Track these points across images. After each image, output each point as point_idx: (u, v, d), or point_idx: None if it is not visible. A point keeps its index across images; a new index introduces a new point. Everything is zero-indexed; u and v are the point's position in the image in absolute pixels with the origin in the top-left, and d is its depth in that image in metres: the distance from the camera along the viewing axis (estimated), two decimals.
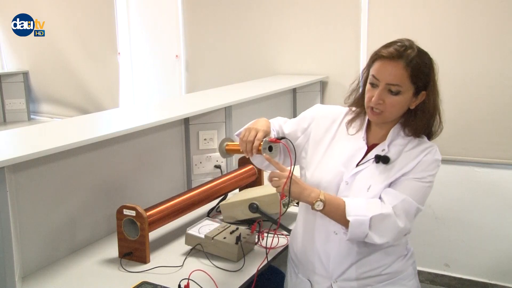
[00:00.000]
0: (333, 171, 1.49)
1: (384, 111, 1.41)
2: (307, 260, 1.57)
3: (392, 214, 1.39)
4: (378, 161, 1.45)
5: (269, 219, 1.93)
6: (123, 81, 4.32)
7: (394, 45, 1.40)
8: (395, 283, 1.53)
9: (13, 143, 1.79)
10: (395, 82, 1.38)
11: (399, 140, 1.48)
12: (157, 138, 2.21)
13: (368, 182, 1.45)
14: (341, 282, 1.51)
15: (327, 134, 1.56)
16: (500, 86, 2.87)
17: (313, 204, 1.40)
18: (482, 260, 3.08)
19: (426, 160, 1.44)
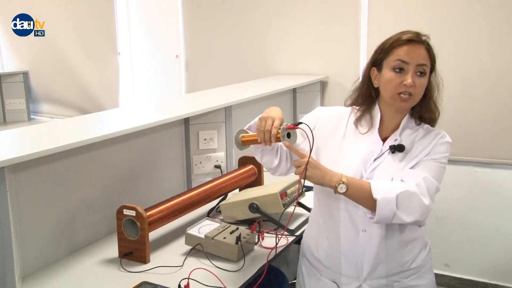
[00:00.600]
0: (351, 169, 1.47)
1: (414, 94, 1.42)
2: (332, 263, 1.56)
3: (417, 191, 1.39)
4: (393, 151, 1.47)
5: (269, 219, 1.93)
6: (123, 81, 4.32)
7: (409, 32, 1.44)
8: (420, 277, 1.55)
9: (13, 143, 1.79)
10: (424, 62, 1.42)
11: (408, 130, 1.50)
12: (157, 138, 2.21)
13: (389, 174, 1.45)
14: (370, 280, 1.52)
15: (335, 134, 1.56)
16: (500, 86, 2.87)
17: (336, 187, 1.39)
18: (482, 260, 3.08)
19: (440, 142, 1.47)
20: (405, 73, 1.42)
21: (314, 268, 1.64)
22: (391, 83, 1.43)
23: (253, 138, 1.53)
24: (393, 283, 1.52)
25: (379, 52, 1.48)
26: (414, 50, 1.41)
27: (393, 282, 1.52)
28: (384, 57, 1.46)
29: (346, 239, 1.52)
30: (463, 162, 3.01)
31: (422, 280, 1.56)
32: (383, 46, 1.47)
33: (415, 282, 1.55)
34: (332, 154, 1.53)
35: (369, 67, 1.52)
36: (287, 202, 1.96)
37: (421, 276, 1.56)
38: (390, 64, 1.44)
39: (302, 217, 2.06)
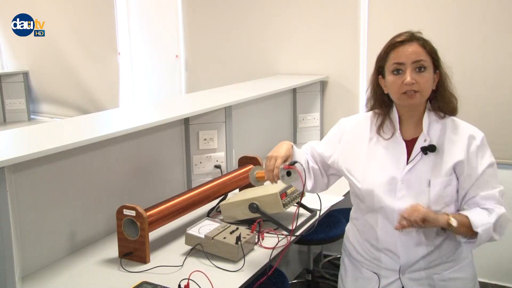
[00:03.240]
0: (384, 174, 1.52)
1: (419, 90, 1.45)
2: (373, 256, 1.60)
3: (505, 212, 1.48)
4: (425, 152, 1.48)
5: (269, 219, 1.93)
6: (123, 81, 4.32)
7: (402, 34, 1.49)
8: (460, 269, 1.57)
9: (13, 143, 1.79)
10: (419, 58, 1.45)
11: (434, 126, 1.51)
12: (157, 138, 2.21)
13: (425, 177, 1.48)
14: (410, 273, 1.55)
15: (363, 141, 1.59)
16: (500, 86, 2.87)
17: (449, 222, 1.42)
18: (482, 260, 3.08)
19: (480, 144, 1.50)
20: (404, 73, 1.45)
21: (355, 260, 1.67)
22: (394, 86, 1.47)
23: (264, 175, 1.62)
24: (433, 275, 1.54)
25: (379, 60, 1.53)
26: (407, 50, 1.45)
27: (433, 274, 1.54)
28: (383, 63, 1.51)
29: (384, 237, 1.54)
30: None
31: (462, 273, 1.58)
32: (380, 54, 1.52)
33: (455, 275, 1.56)
34: (362, 161, 1.57)
35: (376, 77, 1.55)
36: (287, 202, 1.96)
37: (461, 269, 1.58)
38: (389, 69, 1.48)
39: (302, 217, 2.06)
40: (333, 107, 3.43)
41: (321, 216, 2.06)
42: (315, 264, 3.22)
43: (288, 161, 1.56)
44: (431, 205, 1.46)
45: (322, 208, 2.07)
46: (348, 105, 3.36)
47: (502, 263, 3.05)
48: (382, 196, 1.51)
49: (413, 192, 1.48)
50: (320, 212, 2.05)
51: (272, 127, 3.14)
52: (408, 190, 1.49)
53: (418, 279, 1.54)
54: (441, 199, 1.47)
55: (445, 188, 1.47)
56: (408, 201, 1.47)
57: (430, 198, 1.47)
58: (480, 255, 3.06)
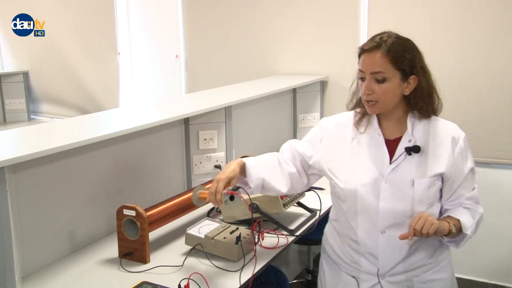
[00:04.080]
0: (367, 174, 1.51)
1: (377, 100, 1.45)
2: (352, 260, 1.58)
3: (481, 211, 1.54)
4: (409, 152, 1.47)
5: (269, 219, 1.93)
6: (123, 81, 4.32)
7: (374, 38, 1.48)
8: (439, 270, 1.56)
9: (13, 143, 1.79)
10: (378, 69, 1.43)
11: (417, 126, 1.51)
12: (157, 138, 2.21)
13: (409, 177, 1.47)
14: (389, 277, 1.54)
15: (345, 141, 1.58)
16: (500, 86, 2.87)
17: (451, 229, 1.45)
18: (482, 260, 3.08)
19: (463, 147, 1.51)
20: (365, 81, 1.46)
21: (334, 263, 1.66)
22: (360, 91, 1.50)
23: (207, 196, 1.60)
24: (412, 278, 1.54)
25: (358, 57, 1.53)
26: (368, 59, 1.45)
27: (412, 277, 1.54)
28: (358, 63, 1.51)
29: (365, 240, 1.53)
30: None
31: (441, 274, 1.57)
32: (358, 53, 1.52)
33: (434, 276, 1.56)
34: (344, 161, 1.55)
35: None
36: (287, 202, 1.97)
37: (440, 270, 1.57)
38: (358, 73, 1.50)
39: (302, 217, 2.06)
40: (333, 107, 3.43)
41: (321, 216, 2.06)
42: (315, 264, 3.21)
43: (234, 181, 1.53)
44: (415, 205, 1.46)
45: (322, 208, 2.07)
46: None
47: (502, 263, 3.05)
48: (366, 196, 1.49)
49: (397, 192, 1.47)
50: (320, 212, 2.05)
51: (272, 127, 3.14)
52: (392, 190, 1.48)
53: (398, 282, 1.54)
54: (425, 199, 1.47)
55: (429, 189, 1.47)
56: (392, 201, 1.47)
57: (414, 199, 1.46)
58: (480, 255, 3.07)
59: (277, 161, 1.64)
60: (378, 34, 1.48)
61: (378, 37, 1.47)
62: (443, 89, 1.53)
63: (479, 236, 2.98)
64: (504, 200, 2.97)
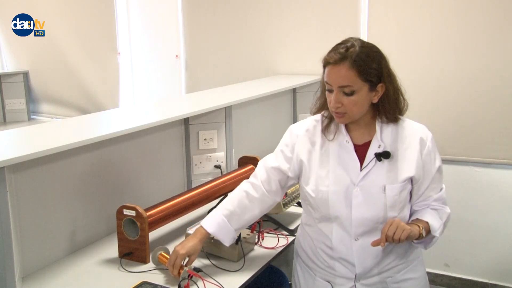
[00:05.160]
0: (338, 181, 1.49)
1: (346, 111, 1.44)
2: (327, 265, 1.58)
3: (448, 211, 1.57)
4: (379, 158, 1.47)
5: (269, 219, 1.93)
6: (123, 81, 4.32)
7: (338, 49, 1.43)
8: (411, 270, 1.59)
9: (13, 143, 1.79)
10: (345, 83, 1.40)
11: (385, 130, 1.50)
12: (157, 138, 2.21)
13: (380, 183, 1.46)
14: (364, 280, 1.55)
15: (315, 148, 1.56)
16: (500, 86, 2.87)
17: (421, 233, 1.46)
18: (482, 260, 3.08)
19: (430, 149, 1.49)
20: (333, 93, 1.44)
21: (308, 268, 1.65)
22: (328, 101, 1.47)
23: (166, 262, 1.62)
24: (386, 279, 1.55)
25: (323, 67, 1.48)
26: (334, 72, 1.41)
27: (386, 278, 1.55)
28: (323, 72, 1.48)
29: (339, 245, 1.53)
30: (463, 162, 3.01)
31: (413, 273, 1.59)
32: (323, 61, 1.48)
33: (407, 276, 1.57)
34: (316, 169, 1.54)
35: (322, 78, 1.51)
36: (287, 202, 1.96)
37: (412, 269, 1.59)
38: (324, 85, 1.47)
39: None
40: None
41: None
42: None
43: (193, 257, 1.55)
44: (387, 211, 1.46)
45: None
46: None
47: (502, 263, 3.05)
48: (338, 205, 1.49)
49: (369, 198, 1.47)
50: None
51: (272, 127, 3.14)
52: (364, 196, 1.47)
53: (372, 284, 1.55)
54: (397, 204, 1.47)
55: (400, 193, 1.47)
56: (364, 208, 1.47)
57: (386, 204, 1.46)
58: (480, 255, 3.07)
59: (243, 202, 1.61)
60: (342, 43, 1.45)
61: (342, 47, 1.43)
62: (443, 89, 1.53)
63: (479, 236, 3.02)
64: (503, 200, 2.96)
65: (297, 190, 2.04)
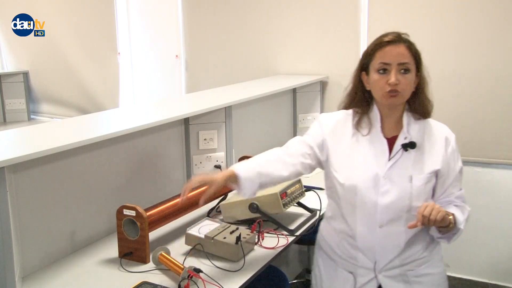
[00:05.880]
0: (366, 170, 1.54)
1: (401, 91, 1.49)
2: (349, 255, 1.61)
3: (469, 209, 1.61)
4: (406, 149, 1.53)
5: (269, 219, 1.93)
6: (123, 81, 4.32)
7: (390, 34, 1.53)
8: (432, 265, 1.62)
9: (13, 143, 1.79)
10: (405, 60, 1.49)
11: (413, 125, 1.56)
12: (157, 138, 2.21)
13: (407, 173, 1.52)
14: (385, 271, 1.58)
15: (345, 138, 1.61)
16: (500, 86, 2.87)
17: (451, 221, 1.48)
18: (482, 260, 3.08)
19: (454, 147, 1.57)
20: (389, 72, 1.49)
21: (330, 259, 1.68)
22: (378, 84, 1.51)
23: (168, 262, 1.63)
24: (407, 271, 1.58)
25: (365, 57, 1.56)
26: (394, 50, 1.49)
27: (407, 271, 1.58)
28: (369, 61, 1.54)
29: (362, 234, 1.56)
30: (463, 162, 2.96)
31: (434, 268, 1.63)
32: (367, 51, 1.56)
33: (428, 271, 1.61)
34: (345, 158, 1.59)
35: (359, 72, 1.59)
36: (287, 202, 1.97)
37: (433, 264, 1.62)
38: (375, 67, 1.52)
39: (302, 217, 2.06)
40: (333, 107, 3.41)
41: (321, 216, 2.06)
42: None
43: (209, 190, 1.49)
44: (412, 200, 1.51)
45: (322, 208, 2.07)
46: None
47: (502, 263, 3.05)
48: (365, 192, 1.53)
49: (395, 187, 1.52)
50: (320, 212, 2.05)
51: (272, 127, 3.14)
52: (391, 185, 1.52)
53: (393, 276, 1.58)
54: (422, 195, 1.52)
55: (426, 185, 1.53)
56: (390, 196, 1.51)
57: (412, 193, 1.51)
58: (480, 255, 3.07)
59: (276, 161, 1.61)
60: (389, 32, 1.53)
61: (393, 33, 1.52)
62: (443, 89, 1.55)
63: (479, 236, 3.02)
64: (504, 200, 2.97)
65: (297, 190, 2.04)
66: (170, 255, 1.67)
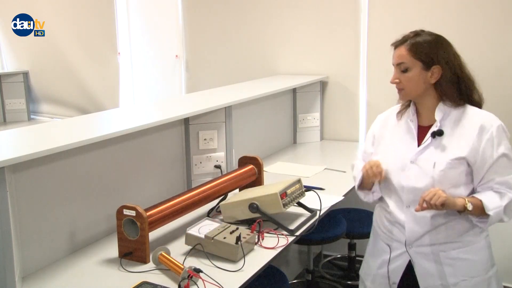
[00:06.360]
0: (398, 155, 1.72)
1: (403, 88, 1.67)
2: (387, 229, 1.78)
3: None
4: (434, 136, 1.65)
5: (269, 219, 1.93)
6: (123, 81, 4.32)
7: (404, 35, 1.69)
8: (469, 251, 1.68)
9: (13, 143, 1.79)
10: (399, 61, 1.66)
11: (450, 114, 1.66)
12: (157, 138, 2.21)
13: (432, 159, 1.64)
14: (415, 247, 1.70)
15: (389, 127, 1.81)
16: (500, 86, 2.87)
17: (466, 206, 1.56)
18: None
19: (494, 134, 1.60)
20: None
21: (376, 233, 1.86)
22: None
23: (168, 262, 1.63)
24: (439, 252, 1.67)
25: None
26: (396, 53, 1.68)
27: (439, 252, 1.67)
28: None
29: (395, 212, 1.73)
30: None
31: (472, 255, 1.68)
32: None
33: (463, 256, 1.67)
34: (385, 144, 1.79)
35: None
36: (287, 202, 1.96)
37: (471, 251, 1.67)
38: None
39: (302, 217, 2.06)
40: (333, 107, 3.43)
41: (321, 216, 2.06)
42: (315, 264, 3.22)
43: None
44: (435, 184, 1.61)
45: (322, 208, 2.07)
46: (348, 105, 3.36)
47: (502, 263, 3.04)
48: (395, 175, 1.71)
49: (420, 171, 1.65)
50: (320, 212, 2.05)
51: (272, 127, 3.14)
52: (417, 170, 1.66)
53: (424, 253, 1.69)
54: (445, 180, 1.61)
55: (449, 170, 1.61)
56: (415, 180, 1.65)
57: (434, 178, 1.62)
58: None
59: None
60: (412, 32, 1.69)
61: (407, 34, 1.68)
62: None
63: None
64: None
65: (297, 190, 2.04)
66: (170, 255, 1.67)
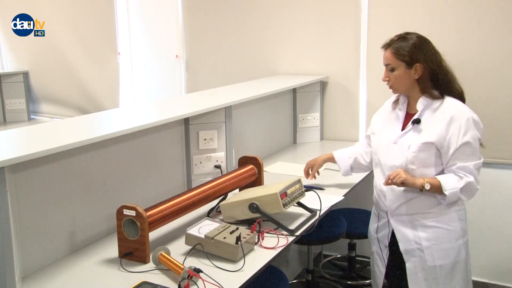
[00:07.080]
0: (384, 137, 2.03)
1: (392, 85, 1.98)
2: (376, 200, 2.11)
3: (473, 181, 1.86)
4: (413, 123, 1.93)
5: (269, 219, 1.93)
6: (123, 81, 4.32)
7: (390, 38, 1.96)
8: (441, 221, 1.95)
9: (13, 143, 1.79)
10: (386, 62, 1.97)
11: (431, 105, 1.93)
12: (157, 138, 2.21)
13: (408, 142, 1.93)
14: (396, 216, 2.01)
15: (384, 113, 2.12)
16: (500, 86, 2.87)
17: (423, 186, 1.85)
18: (482, 260, 3.08)
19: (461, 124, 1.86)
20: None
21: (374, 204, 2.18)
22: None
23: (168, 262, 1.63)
24: (414, 220, 1.97)
25: None
26: (384, 55, 1.97)
27: (414, 220, 1.97)
28: None
29: (380, 186, 2.02)
30: None
31: (443, 224, 1.95)
32: None
33: (435, 224, 1.95)
34: (379, 128, 2.10)
35: None
36: (287, 202, 1.96)
37: (442, 220, 1.94)
38: None
39: (302, 217, 2.06)
40: (333, 107, 3.43)
41: (321, 216, 2.06)
42: (315, 264, 3.22)
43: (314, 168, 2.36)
44: (408, 164, 1.91)
45: (322, 208, 2.07)
46: (348, 105, 3.36)
47: (502, 263, 3.05)
48: (380, 154, 2.04)
49: (398, 152, 1.95)
50: (320, 212, 2.05)
51: (272, 127, 3.14)
52: (397, 151, 1.96)
53: (402, 221, 2.00)
54: (416, 160, 1.90)
55: (420, 153, 1.89)
56: (393, 159, 1.96)
57: (407, 158, 1.91)
58: (480, 255, 3.07)
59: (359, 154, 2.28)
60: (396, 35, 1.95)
61: (393, 38, 1.95)
62: None
63: (479, 236, 3.02)
64: (504, 200, 2.97)
65: (297, 190, 2.04)
66: (170, 255, 1.67)
